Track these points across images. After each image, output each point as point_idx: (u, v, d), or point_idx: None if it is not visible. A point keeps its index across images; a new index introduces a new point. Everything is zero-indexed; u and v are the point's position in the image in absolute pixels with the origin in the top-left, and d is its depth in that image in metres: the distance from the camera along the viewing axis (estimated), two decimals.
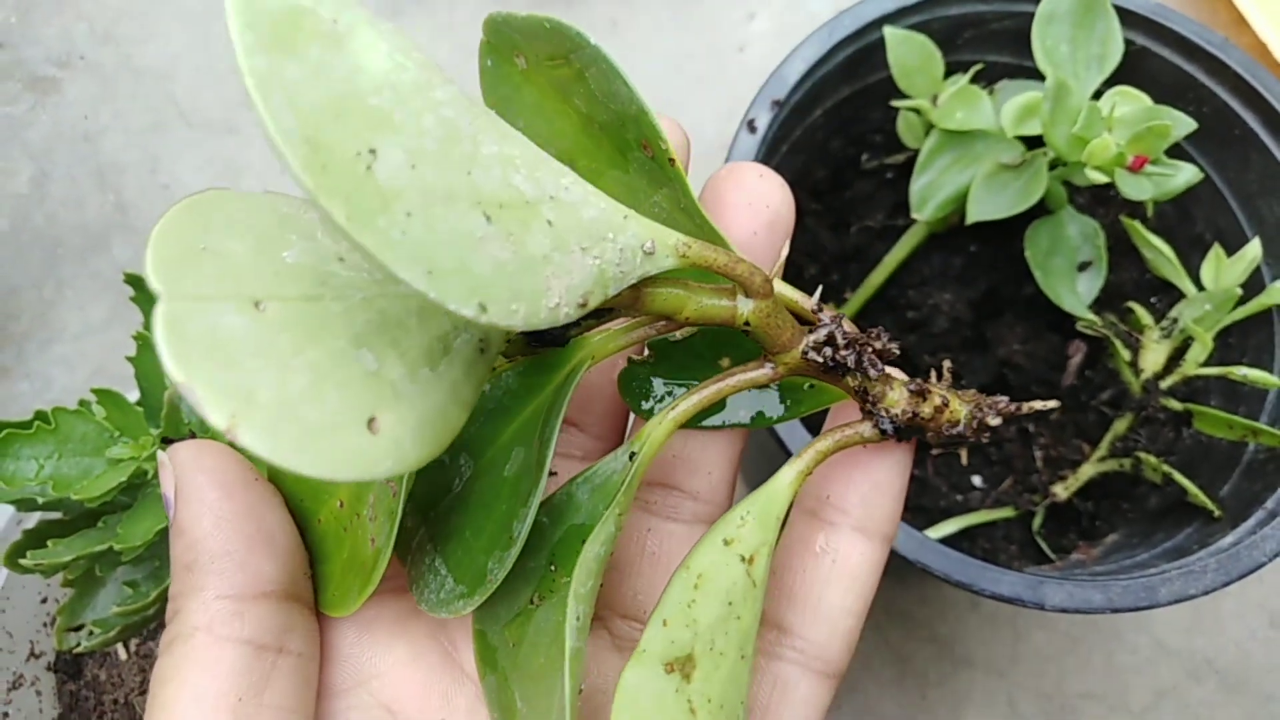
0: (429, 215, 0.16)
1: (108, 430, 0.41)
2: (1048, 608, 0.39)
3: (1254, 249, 0.46)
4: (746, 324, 0.23)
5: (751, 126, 0.43)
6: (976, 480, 0.50)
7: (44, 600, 0.48)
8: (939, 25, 0.47)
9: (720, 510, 0.27)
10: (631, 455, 0.23)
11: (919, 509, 0.49)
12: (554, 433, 0.22)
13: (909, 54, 0.45)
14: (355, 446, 0.16)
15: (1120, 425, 0.48)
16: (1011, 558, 0.49)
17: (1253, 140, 0.46)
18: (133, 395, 0.44)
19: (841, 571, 0.25)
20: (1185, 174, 0.42)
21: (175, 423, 0.39)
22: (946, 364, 0.27)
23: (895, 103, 0.46)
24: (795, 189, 0.53)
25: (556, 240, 0.19)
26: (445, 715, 0.24)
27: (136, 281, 0.44)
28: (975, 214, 0.43)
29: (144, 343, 0.42)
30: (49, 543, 0.39)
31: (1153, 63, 0.47)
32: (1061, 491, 0.48)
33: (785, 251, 0.27)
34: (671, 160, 0.22)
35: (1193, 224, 0.51)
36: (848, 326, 0.24)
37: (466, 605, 0.22)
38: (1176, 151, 0.47)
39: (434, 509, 0.25)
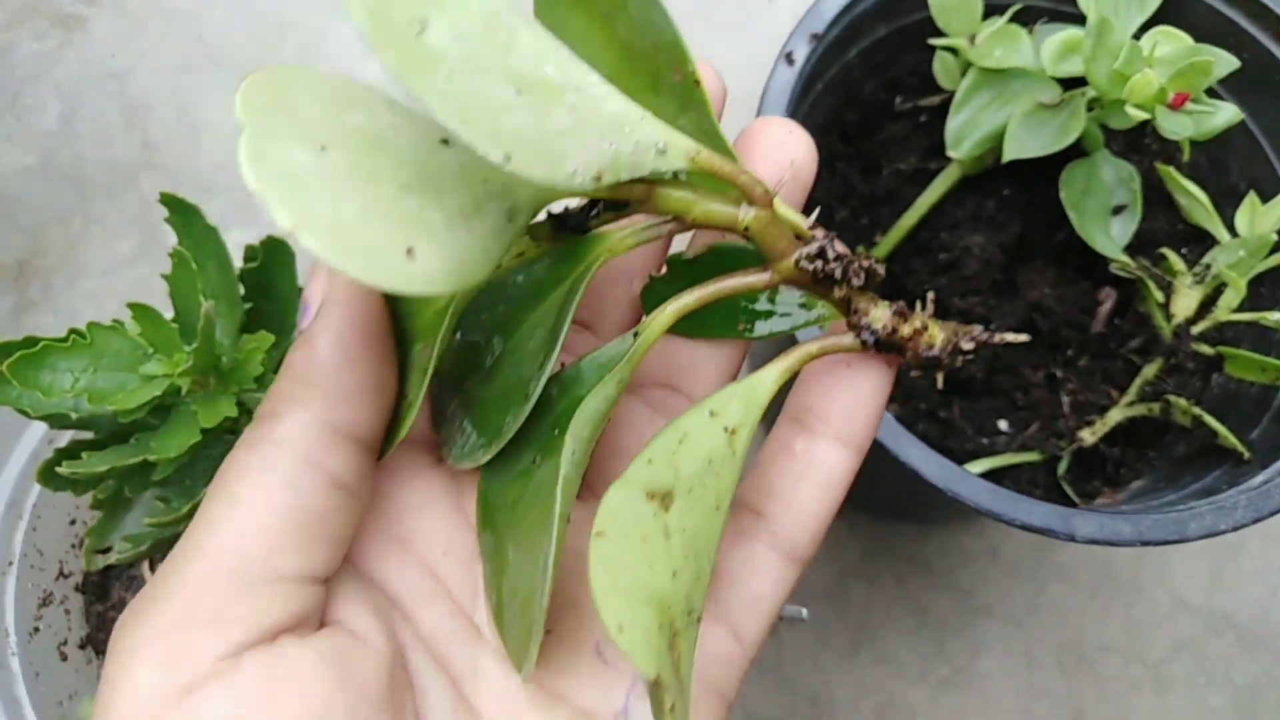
0: (467, 79, 0.20)
1: (142, 347, 0.41)
2: (1078, 538, 0.39)
3: None
4: (747, 229, 0.25)
5: (790, 59, 0.43)
6: (1003, 425, 0.50)
7: (73, 522, 0.49)
8: None
9: None
10: (635, 334, 0.25)
11: (945, 450, 0.49)
12: (571, 309, 0.24)
13: None
14: (394, 266, 0.19)
15: (1150, 370, 0.48)
16: (1039, 500, 0.49)
17: None
18: (167, 314, 0.44)
19: (816, 472, 0.27)
20: (1226, 113, 0.41)
21: (209, 337, 0.39)
22: (930, 295, 0.28)
23: (933, 40, 0.46)
24: (827, 132, 0.54)
25: (577, 122, 0.21)
26: (447, 553, 0.26)
27: (172, 202, 0.44)
28: (1012, 152, 0.43)
29: (179, 260, 0.42)
30: (83, 454, 0.39)
31: (1193, 7, 0.47)
32: (1089, 436, 0.48)
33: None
34: (697, 83, 0.25)
35: (1228, 173, 0.51)
36: (839, 245, 0.25)
37: (485, 454, 0.25)
38: (1214, 97, 0.47)
39: (467, 382, 0.27)
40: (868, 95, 0.53)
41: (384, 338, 0.24)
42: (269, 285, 0.47)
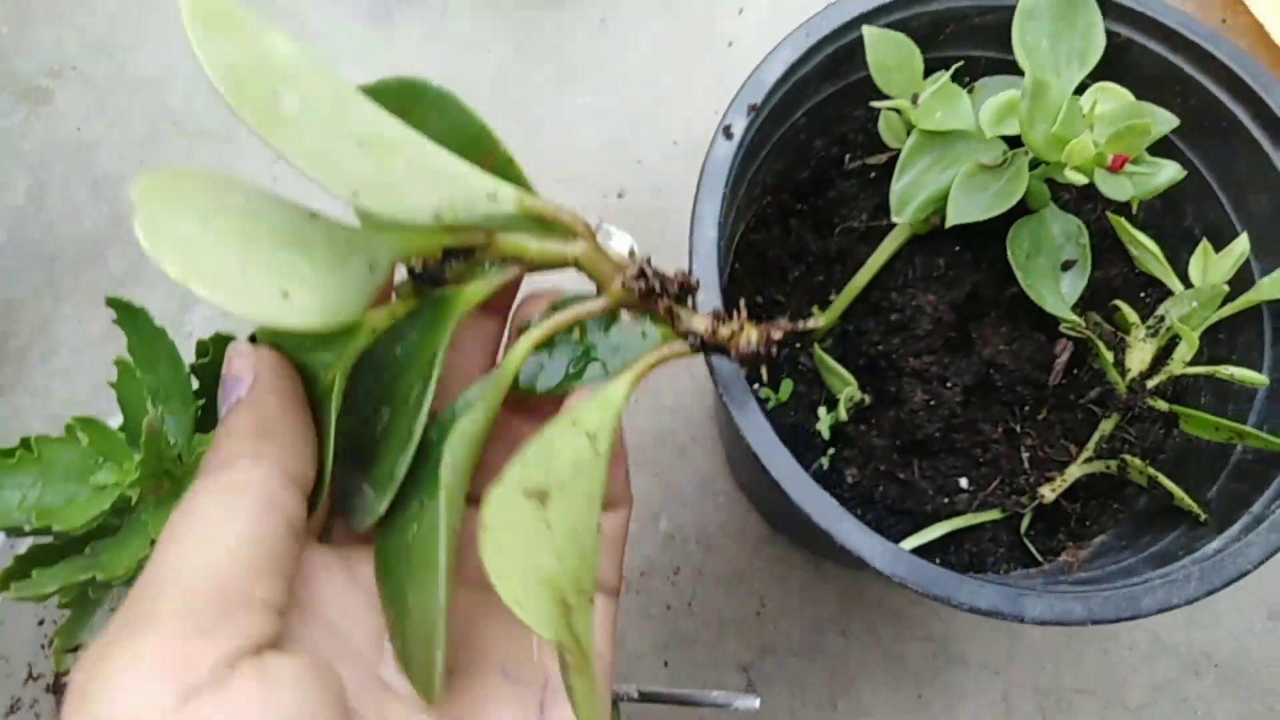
0: (316, 136, 0.24)
1: (91, 457, 0.42)
2: (1027, 620, 0.38)
3: (1241, 244, 0.45)
4: (577, 261, 0.29)
5: (728, 133, 0.43)
6: (964, 482, 0.50)
7: (41, 622, 0.49)
8: (919, 22, 0.46)
9: None
10: (497, 366, 0.29)
11: (905, 513, 0.49)
12: (440, 354, 0.28)
13: (887, 53, 0.44)
14: (273, 304, 0.23)
15: (1106, 425, 0.47)
16: (999, 560, 0.49)
17: (1241, 133, 0.45)
18: (115, 420, 0.44)
19: None
20: (1167, 172, 0.41)
21: (154, 447, 0.39)
22: (742, 301, 0.33)
23: (875, 103, 0.45)
24: (778, 191, 0.53)
25: (414, 171, 0.26)
26: (347, 615, 0.29)
27: (119, 305, 0.44)
28: (955, 216, 0.43)
29: (124, 369, 0.42)
30: (34, 572, 0.39)
31: (1138, 55, 0.46)
32: (1049, 493, 0.48)
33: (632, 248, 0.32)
34: (510, 160, 0.29)
35: (1182, 217, 0.50)
36: (653, 266, 0.30)
37: (382, 503, 0.28)
38: (1163, 146, 0.47)
39: (363, 454, 0.30)
40: (818, 152, 0.53)
41: (305, 401, 0.28)
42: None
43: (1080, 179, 0.40)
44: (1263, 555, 0.39)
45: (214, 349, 0.46)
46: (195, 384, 0.46)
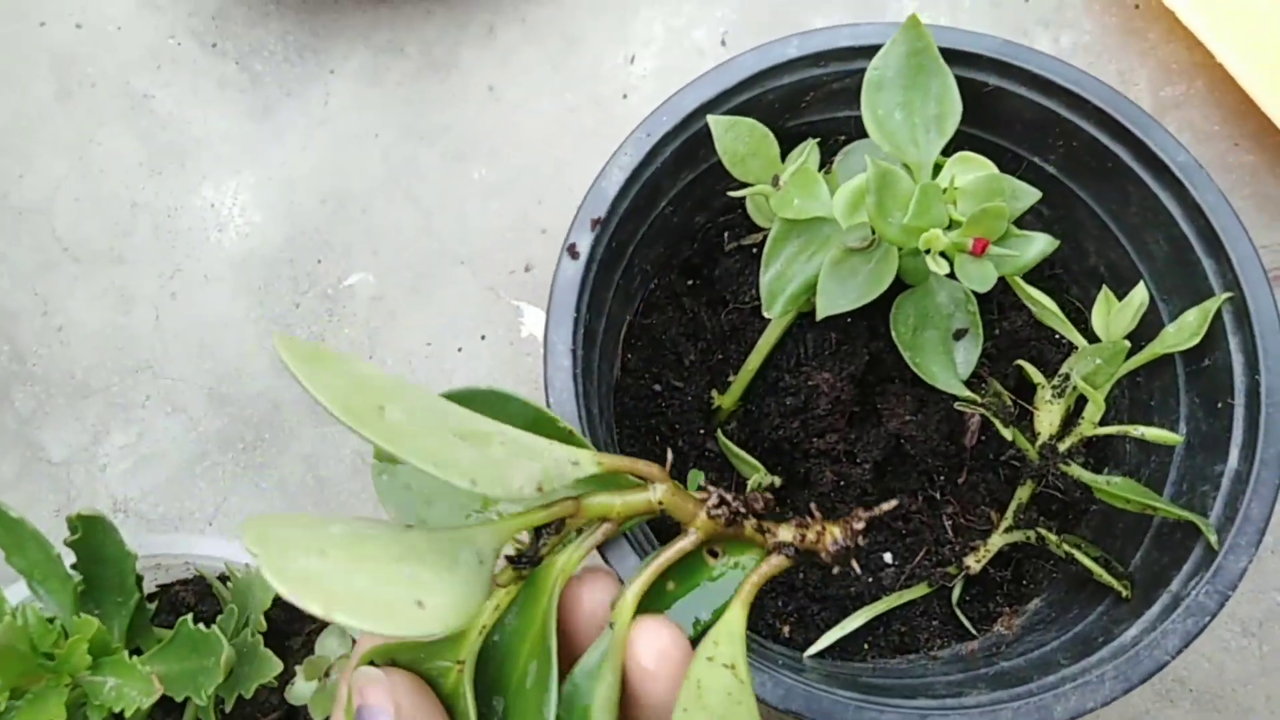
0: (423, 436, 0.27)
1: None
2: None
3: (1139, 294, 0.42)
4: (661, 504, 0.31)
5: (573, 252, 0.41)
6: (888, 557, 0.48)
7: None
8: (774, 96, 0.44)
9: None
10: (611, 625, 0.30)
11: (828, 598, 0.47)
12: (550, 634, 0.29)
13: (738, 141, 0.41)
14: (413, 616, 0.25)
15: (1023, 493, 0.45)
16: (932, 636, 0.47)
17: (1127, 173, 0.43)
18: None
19: None
20: (1036, 246, 0.38)
21: (8, 656, 0.38)
22: (814, 505, 0.34)
23: (733, 192, 0.43)
24: (665, 271, 0.51)
25: (509, 452, 0.29)
26: None
27: None
28: (825, 309, 0.40)
29: None
30: None
31: (1011, 102, 0.43)
32: (974, 564, 0.46)
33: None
34: (570, 432, 0.32)
35: (1086, 256, 0.48)
36: (729, 494, 0.31)
37: None
38: (1053, 188, 0.44)
39: None
40: (701, 227, 0.51)
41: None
42: (99, 553, 0.45)
43: (942, 267, 0.37)
44: (1180, 645, 0.37)
45: (83, 526, 0.44)
46: (73, 558, 0.45)
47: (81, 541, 0.44)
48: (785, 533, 0.32)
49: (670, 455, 0.34)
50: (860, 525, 0.32)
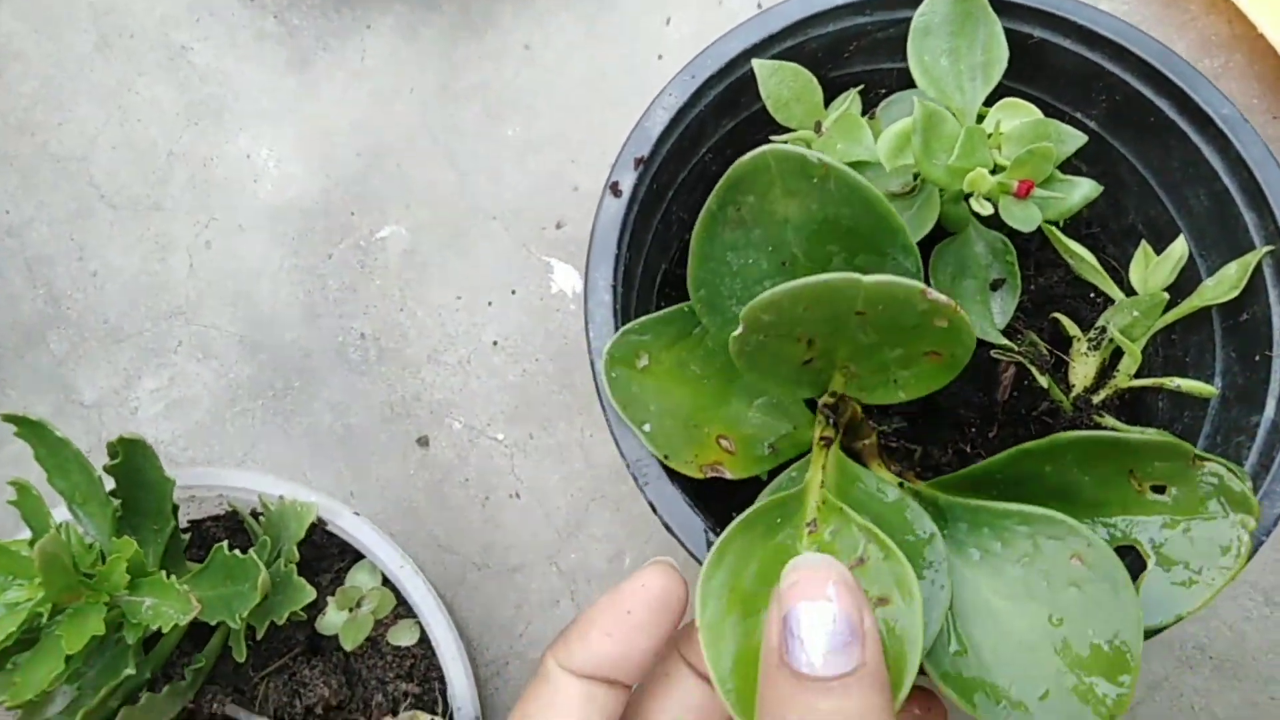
0: None
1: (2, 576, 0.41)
2: None
3: (1179, 247, 0.43)
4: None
5: (615, 190, 0.41)
6: None
7: None
8: (817, 44, 0.44)
9: None
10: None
11: None
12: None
13: (782, 86, 0.42)
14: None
15: None
16: None
17: (1170, 127, 0.43)
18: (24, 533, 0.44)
19: None
20: (1081, 189, 0.39)
21: (53, 570, 0.39)
22: None
23: (775, 138, 0.43)
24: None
25: None
26: None
27: (17, 420, 0.43)
28: None
29: (22, 489, 0.41)
30: None
31: (1055, 55, 0.43)
32: None
33: None
34: None
35: (1124, 214, 0.48)
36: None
37: None
38: (1095, 144, 0.44)
39: None
40: None
41: None
42: (139, 477, 0.46)
43: (986, 209, 0.37)
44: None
45: (123, 451, 0.45)
46: (112, 483, 0.46)
47: (121, 466, 0.45)
48: None
49: None
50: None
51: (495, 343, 0.64)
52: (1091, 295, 0.49)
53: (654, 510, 0.37)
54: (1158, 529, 0.32)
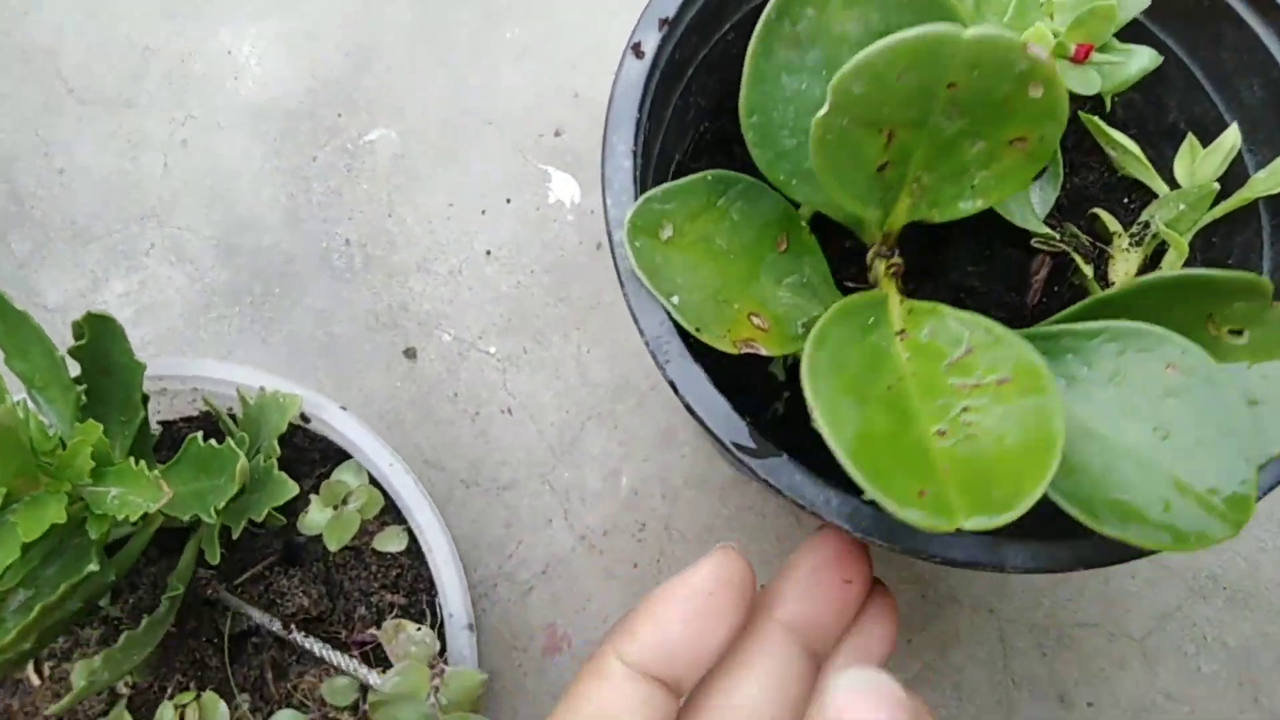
0: None
1: None
2: (1007, 569, 0.34)
3: (1232, 136, 0.40)
4: None
5: (637, 51, 0.38)
6: None
7: None
8: None
9: None
10: None
11: None
12: None
13: None
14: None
15: None
16: None
17: (1224, 11, 0.40)
18: None
19: None
20: (1140, 59, 0.36)
21: (9, 450, 0.35)
22: None
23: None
24: (718, 116, 0.48)
25: None
26: None
27: None
28: None
29: None
30: None
31: None
32: None
33: None
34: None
35: (1165, 112, 0.45)
36: None
37: None
38: (1134, 32, 0.41)
39: None
40: None
41: None
42: (106, 361, 0.42)
43: None
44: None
45: (89, 330, 0.41)
46: (78, 369, 0.42)
47: (86, 348, 0.42)
48: None
49: None
50: None
51: (488, 252, 0.61)
52: (1126, 200, 0.47)
53: (675, 390, 0.34)
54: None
